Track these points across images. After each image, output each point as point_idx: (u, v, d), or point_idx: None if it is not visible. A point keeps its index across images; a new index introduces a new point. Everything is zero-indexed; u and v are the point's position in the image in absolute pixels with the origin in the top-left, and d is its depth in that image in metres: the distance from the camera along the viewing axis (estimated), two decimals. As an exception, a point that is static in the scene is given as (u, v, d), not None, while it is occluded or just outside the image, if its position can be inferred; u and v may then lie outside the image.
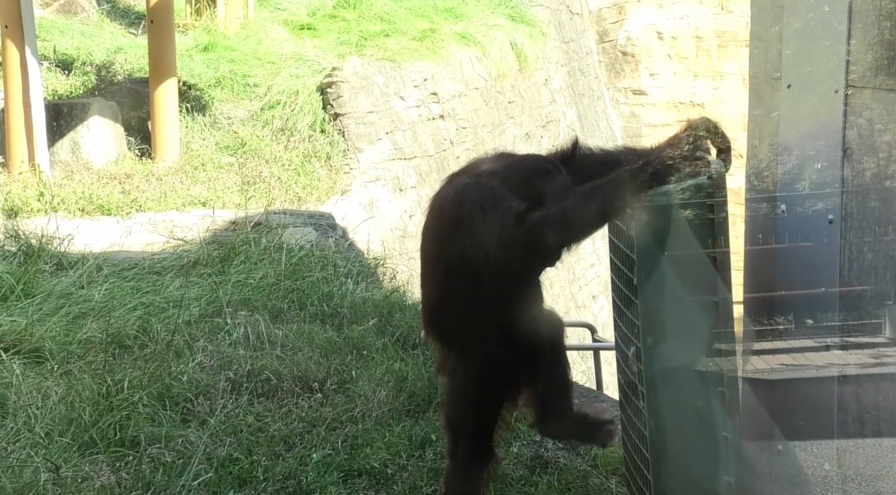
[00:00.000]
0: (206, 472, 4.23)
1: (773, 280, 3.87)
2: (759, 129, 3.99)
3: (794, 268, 3.79)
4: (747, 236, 4.13)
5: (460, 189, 3.47)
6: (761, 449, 3.97)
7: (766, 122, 3.91)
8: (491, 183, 3.43)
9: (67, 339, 5.70)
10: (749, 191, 4.11)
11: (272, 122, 11.89)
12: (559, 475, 4.45)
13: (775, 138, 3.82)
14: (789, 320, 3.82)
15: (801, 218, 3.75)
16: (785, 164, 3.81)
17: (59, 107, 11.28)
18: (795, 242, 3.78)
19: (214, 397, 5.05)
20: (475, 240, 3.37)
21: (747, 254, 4.16)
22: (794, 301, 3.80)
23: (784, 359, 3.86)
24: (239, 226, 8.52)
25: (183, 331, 5.84)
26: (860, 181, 3.54)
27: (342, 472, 4.44)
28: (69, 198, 9.68)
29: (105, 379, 4.99)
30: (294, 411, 5.04)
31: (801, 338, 3.78)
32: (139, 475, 4.08)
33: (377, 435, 4.80)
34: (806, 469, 3.79)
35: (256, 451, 4.50)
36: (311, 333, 6.03)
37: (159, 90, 11.27)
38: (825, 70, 3.63)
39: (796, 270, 3.78)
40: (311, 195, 10.68)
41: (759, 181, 3.98)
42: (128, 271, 7.23)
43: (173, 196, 9.95)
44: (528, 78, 16.19)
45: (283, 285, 6.88)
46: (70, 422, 4.55)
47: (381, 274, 8.20)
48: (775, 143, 3.82)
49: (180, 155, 11.27)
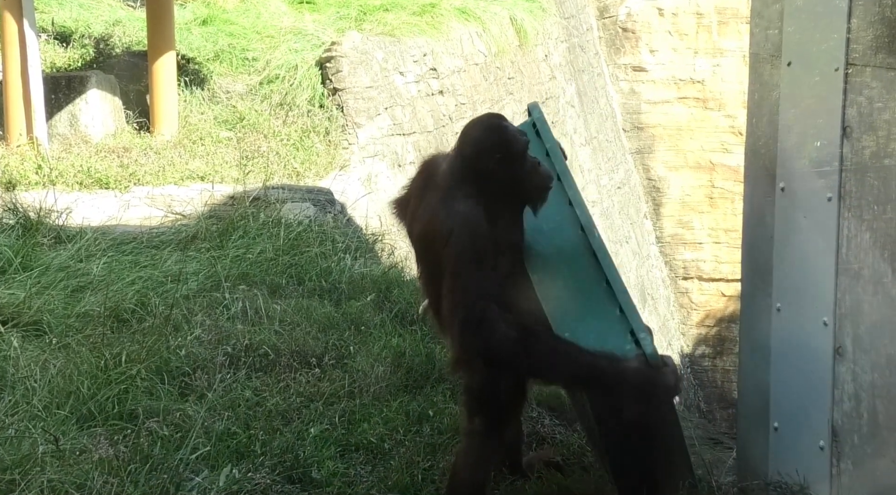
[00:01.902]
0: (203, 446, 4.23)
1: (772, 258, 3.88)
2: (758, 107, 3.99)
3: (793, 246, 3.80)
4: (746, 214, 4.14)
5: (452, 226, 3.54)
6: (758, 427, 4.00)
7: (766, 100, 3.91)
8: (478, 223, 3.52)
9: (66, 312, 5.70)
10: (748, 168, 4.12)
11: (271, 97, 11.87)
12: (554, 451, 4.47)
13: (775, 116, 3.82)
14: (787, 298, 3.84)
15: (800, 196, 3.76)
16: (784, 142, 3.81)
17: (57, 79, 11.26)
18: (794, 220, 3.79)
19: (212, 371, 5.06)
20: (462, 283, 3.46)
21: (745, 232, 4.17)
22: (790, 279, 3.81)
23: (781, 335, 3.88)
24: (237, 200, 8.52)
25: (181, 306, 5.85)
26: (859, 159, 3.55)
27: (340, 447, 4.45)
28: (67, 171, 9.68)
29: (103, 353, 5.00)
30: (292, 386, 5.04)
31: (798, 314, 3.79)
32: (137, 448, 4.09)
33: (375, 411, 4.81)
34: (801, 446, 3.82)
35: (254, 425, 4.51)
36: (309, 308, 6.04)
37: (158, 64, 11.24)
38: (826, 48, 3.63)
39: (794, 248, 3.79)
40: (310, 170, 10.67)
41: (758, 159, 3.99)
42: (126, 245, 7.23)
43: (171, 170, 9.95)
44: (528, 54, 16.17)
45: (282, 260, 6.88)
46: (68, 395, 4.56)
47: (380, 249, 8.21)
48: (775, 121, 3.83)
49: (179, 129, 11.26)
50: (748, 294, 4.14)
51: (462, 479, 3.83)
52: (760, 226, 3.97)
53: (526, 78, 15.89)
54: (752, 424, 4.05)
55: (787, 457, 3.86)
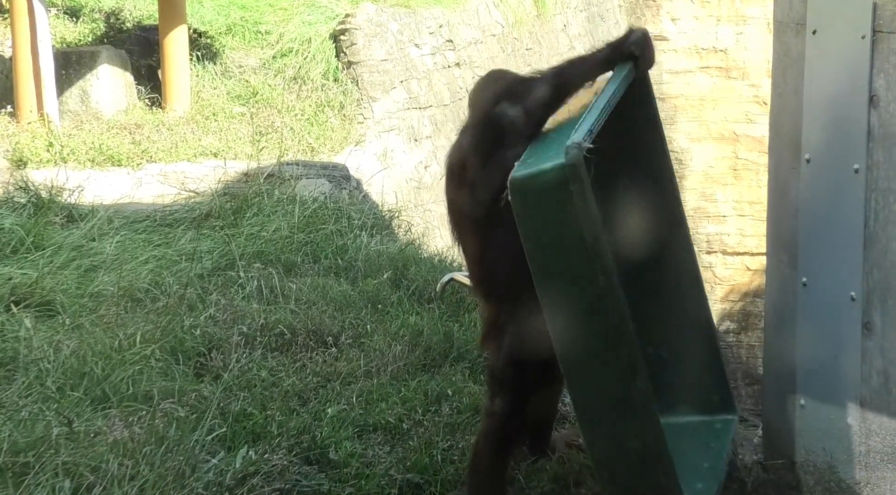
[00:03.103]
0: (219, 427, 4.24)
1: (797, 231, 3.85)
2: (782, 76, 3.95)
3: (819, 219, 3.77)
4: (770, 187, 4.11)
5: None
6: (784, 405, 3.98)
7: (791, 69, 3.87)
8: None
9: (79, 292, 5.72)
10: (772, 139, 4.09)
11: (284, 71, 11.85)
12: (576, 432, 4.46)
13: (800, 85, 3.79)
14: (813, 272, 3.81)
15: (826, 167, 3.72)
16: (809, 112, 3.78)
17: (67, 55, 11.27)
18: (820, 192, 3.76)
19: (228, 351, 5.07)
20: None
21: (770, 204, 4.14)
22: (817, 252, 3.78)
23: (808, 310, 3.85)
24: (251, 177, 8.52)
25: (195, 285, 5.86)
26: (887, 129, 3.51)
27: (357, 427, 4.46)
28: (79, 148, 9.70)
29: (117, 333, 5.01)
30: (308, 366, 5.05)
31: (825, 289, 3.76)
32: (152, 429, 4.10)
33: (392, 391, 4.82)
34: (829, 424, 3.80)
35: (270, 406, 4.52)
36: (325, 287, 6.04)
37: (169, 37, 11.22)
38: (852, 15, 3.59)
39: (821, 221, 3.76)
40: (325, 146, 10.67)
41: (783, 129, 3.96)
42: (139, 223, 7.24)
43: (184, 146, 9.95)
44: (546, 24, 16.09)
45: (297, 238, 6.89)
46: (82, 376, 4.57)
47: (396, 226, 8.20)
48: (799, 90, 3.79)
49: (191, 104, 11.26)
50: (773, 268, 4.11)
51: (482, 460, 3.84)
52: (785, 198, 3.94)
53: (544, 48, 15.82)
54: (778, 401, 4.03)
55: (814, 436, 3.84)
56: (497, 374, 3.77)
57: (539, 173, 3.29)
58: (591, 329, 3.38)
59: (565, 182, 3.22)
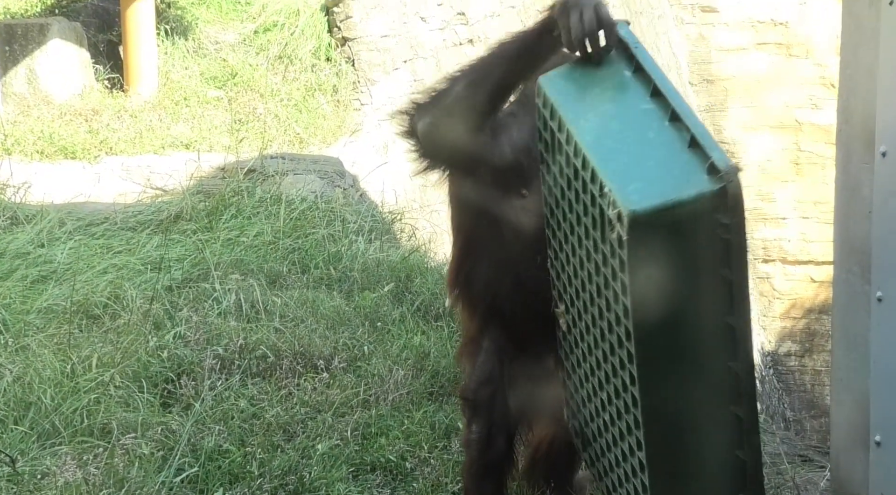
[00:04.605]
0: (190, 466, 4.25)
1: (870, 236, 3.84)
2: (854, 54, 3.95)
3: (894, 222, 3.76)
4: (839, 184, 4.10)
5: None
6: (856, 441, 3.97)
7: (864, 46, 3.87)
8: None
9: (24, 308, 5.73)
10: (841, 128, 4.08)
11: (268, 48, 11.88)
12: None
13: (874, 65, 3.78)
14: (889, 285, 3.80)
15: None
16: (886, 96, 3.77)
17: (12, 28, 11.29)
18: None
19: (200, 377, 5.07)
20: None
21: (838, 205, 4.13)
22: (894, 261, 3.77)
23: (883, 329, 3.84)
24: (229, 173, 8.53)
25: (163, 299, 5.87)
26: (977, 116, 3.50)
27: (352, 466, 4.47)
28: (25, 138, 9.73)
29: (70, 356, 5.02)
30: (295, 394, 5.06)
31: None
32: (110, 470, 4.11)
33: (394, 423, 4.83)
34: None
35: (250, 442, 4.52)
36: (315, 301, 6.05)
37: (132, 8, 11.25)
38: (936, -19, 3.59)
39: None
40: (315, 136, 10.69)
41: (854, 117, 3.95)
42: (96, 226, 7.26)
43: (150, 136, 9.98)
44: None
45: (282, 244, 6.90)
46: (28, 407, 4.58)
47: (398, 230, 8.22)
48: (874, 71, 3.78)
49: (158, 87, 11.28)
50: (842, 280, 4.10)
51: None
52: (857, 198, 3.93)
53: (573, 22, 15.82)
54: (849, 437, 4.02)
55: (891, 477, 3.83)
56: (469, 396, 3.85)
57: (676, 204, 2.95)
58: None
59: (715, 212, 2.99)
